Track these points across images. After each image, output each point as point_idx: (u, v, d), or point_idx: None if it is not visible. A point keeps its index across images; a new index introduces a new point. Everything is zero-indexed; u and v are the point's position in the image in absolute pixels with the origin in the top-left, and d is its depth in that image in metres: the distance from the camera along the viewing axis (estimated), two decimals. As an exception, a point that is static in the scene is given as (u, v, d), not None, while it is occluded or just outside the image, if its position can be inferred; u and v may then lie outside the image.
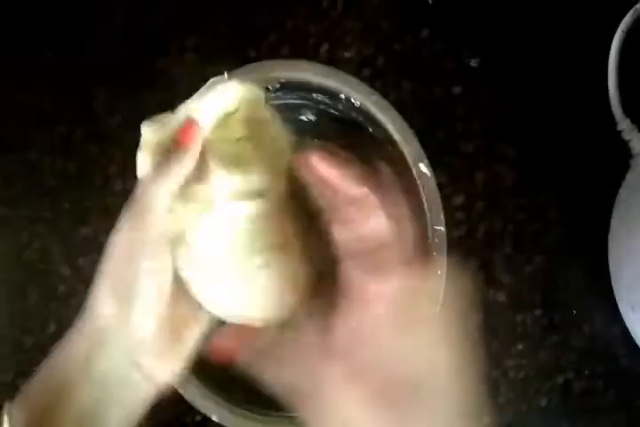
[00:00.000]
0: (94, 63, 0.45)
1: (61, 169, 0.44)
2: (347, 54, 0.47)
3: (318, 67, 0.40)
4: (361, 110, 0.40)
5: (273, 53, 0.46)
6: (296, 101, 0.42)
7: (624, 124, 0.45)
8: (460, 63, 0.48)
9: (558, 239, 0.47)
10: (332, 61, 0.47)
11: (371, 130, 0.41)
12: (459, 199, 0.47)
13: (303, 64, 0.40)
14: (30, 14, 0.46)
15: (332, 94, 0.40)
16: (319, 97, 0.41)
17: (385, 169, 0.39)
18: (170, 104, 0.43)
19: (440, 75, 0.48)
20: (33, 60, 0.45)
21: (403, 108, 0.47)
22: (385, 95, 0.47)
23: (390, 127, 0.39)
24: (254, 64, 0.40)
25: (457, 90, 0.48)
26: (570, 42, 0.48)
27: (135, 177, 0.31)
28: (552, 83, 0.47)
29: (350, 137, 0.42)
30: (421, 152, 0.39)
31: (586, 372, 0.46)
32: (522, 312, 0.46)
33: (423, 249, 0.38)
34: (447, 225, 0.46)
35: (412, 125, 0.47)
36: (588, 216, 0.47)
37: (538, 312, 0.46)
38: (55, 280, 0.43)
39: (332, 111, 0.42)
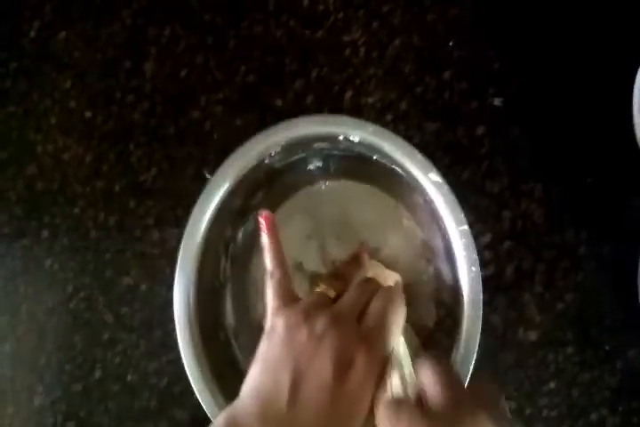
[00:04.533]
0: (128, 119, 0.48)
1: (103, 222, 0.47)
2: (370, 100, 0.48)
3: (308, 119, 0.41)
4: (361, 144, 0.40)
5: (299, 102, 0.48)
6: (301, 155, 0.43)
7: (651, 160, 0.45)
8: (483, 103, 0.48)
9: (589, 276, 0.47)
10: (356, 107, 0.48)
11: (375, 157, 0.41)
12: (486, 238, 0.47)
13: (293, 122, 0.41)
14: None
15: (330, 138, 0.41)
16: (320, 145, 0.42)
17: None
18: (201, 156, 0.46)
19: (463, 115, 0.48)
20: (71, 120, 0.48)
21: (427, 149, 0.47)
22: (409, 137, 0.48)
23: (392, 149, 0.39)
24: (250, 142, 0.41)
25: (481, 130, 0.48)
26: (593, 79, 0.47)
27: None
28: (576, 119, 0.47)
29: (360, 170, 0.44)
30: (428, 163, 0.39)
31: (620, 408, 0.46)
32: (554, 350, 0.46)
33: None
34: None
35: (436, 166, 0.48)
36: (618, 253, 0.47)
37: (570, 350, 0.46)
38: (100, 328, 0.46)
39: (335, 152, 0.43)
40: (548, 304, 0.47)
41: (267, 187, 0.44)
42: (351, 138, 0.40)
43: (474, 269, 0.39)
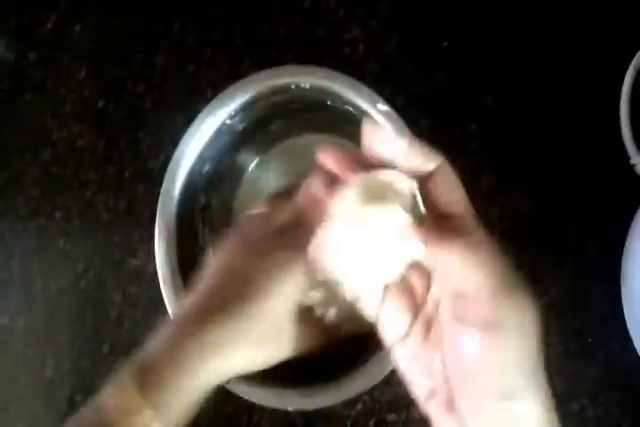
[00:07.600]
0: (138, 109, 0.50)
1: (113, 206, 0.49)
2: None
3: (259, 75, 0.42)
4: (313, 89, 0.41)
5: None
6: (261, 114, 0.44)
7: (638, 159, 0.46)
8: (475, 101, 0.50)
9: (574, 270, 0.48)
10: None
11: (329, 102, 0.42)
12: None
13: (245, 81, 0.42)
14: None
15: (284, 90, 0.42)
16: (276, 98, 0.43)
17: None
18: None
19: (456, 112, 0.50)
20: (86, 110, 0.51)
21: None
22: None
23: (341, 88, 0.40)
24: (209, 105, 0.41)
25: (473, 127, 0.50)
26: (582, 78, 0.49)
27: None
28: (566, 118, 0.48)
29: (319, 120, 0.46)
30: (375, 95, 0.40)
31: (601, 399, 0.47)
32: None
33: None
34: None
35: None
36: (603, 247, 0.48)
37: (553, 340, 0.48)
38: (108, 306, 0.48)
39: (293, 106, 0.44)
40: (534, 297, 0.48)
41: (234, 151, 0.45)
42: (302, 85, 0.41)
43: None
